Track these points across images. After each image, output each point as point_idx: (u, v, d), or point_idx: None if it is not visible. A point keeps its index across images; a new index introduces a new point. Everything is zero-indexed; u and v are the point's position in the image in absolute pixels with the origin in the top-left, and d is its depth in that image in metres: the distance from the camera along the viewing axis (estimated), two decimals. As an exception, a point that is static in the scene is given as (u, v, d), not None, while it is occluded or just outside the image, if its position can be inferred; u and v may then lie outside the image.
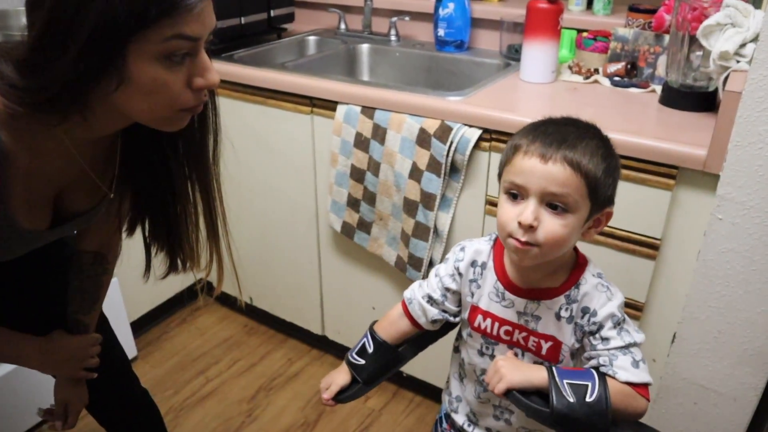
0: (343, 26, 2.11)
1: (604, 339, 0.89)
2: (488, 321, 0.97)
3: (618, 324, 0.89)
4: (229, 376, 1.97)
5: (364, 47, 2.01)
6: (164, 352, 2.06)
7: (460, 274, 0.99)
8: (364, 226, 1.62)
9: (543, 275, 0.92)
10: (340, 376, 1.08)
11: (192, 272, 1.00)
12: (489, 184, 1.40)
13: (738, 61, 1.18)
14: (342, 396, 1.07)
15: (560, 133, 0.83)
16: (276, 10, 1.99)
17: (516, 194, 0.85)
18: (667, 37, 1.46)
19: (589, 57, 1.62)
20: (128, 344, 1.96)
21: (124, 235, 1.01)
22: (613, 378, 0.87)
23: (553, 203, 0.82)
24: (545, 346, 0.94)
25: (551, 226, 0.82)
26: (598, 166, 0.82)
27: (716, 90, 1.30)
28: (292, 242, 1.88)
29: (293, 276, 1.94)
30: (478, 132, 1.35)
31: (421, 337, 1.09)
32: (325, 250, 1.81)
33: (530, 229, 0.82)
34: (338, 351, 2.01)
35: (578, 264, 0.93)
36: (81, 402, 1.17)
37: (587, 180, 0.81)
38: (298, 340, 2.11)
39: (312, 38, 2.11)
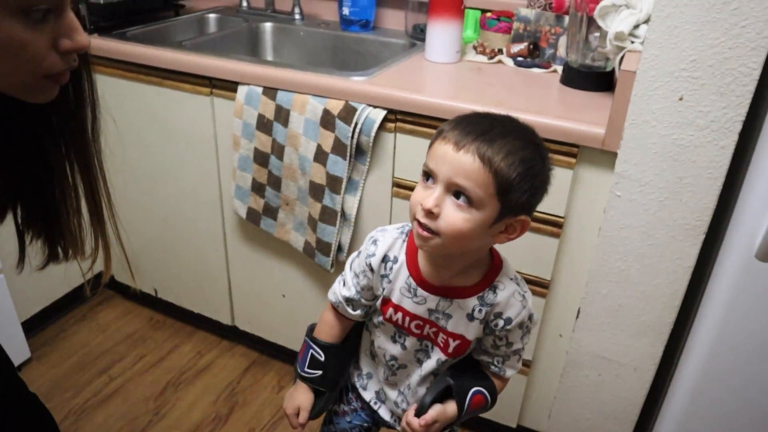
0: (245, 4, 2.02)
1: (509, 342, 0.95)
2: (399, 314, 0.96)
3: (525, 328, 0.95)
4: (134, 373, 1.87)
5: (267, 26, 1.94)
6: (62, 351, 1.94)
7: (372, 270, 0.97)
8: (270, 211, 1.57)
9: (455, 272, 0.91)
10: (304, 397, 1.07)
11: (76, 260, 0.92)
12: (395, 166, 1.38)
13: (633, 42, 1.21)
14: (313, 413, 1.08)
15: (484, 126, 0.80)
16: (172, -15, 1.88)
17: (430, 177, 0.82)
18: (567, 18, 1.48)
19: (493, 37, 1.62)
20: (20, 346, 1.82)
21: None
22: (502, 376, 1.00)
23: (457, 193, 0.79)
24: (453, 344, 0.95)
25: (452, 216, 0.79)
26: (513, 167, 0.78)
27: (613, 70, 1.33)
28: (197, 230, 1.80)
29: (199, 265, 1.86)
30: (383, 113, 1.32)
31: (359, 324, 1.09)
32: (231, 238, 1.75)
33: (431, 214, 0.80)
34: (249, 341, 1.95)
35: (493, 265, 0.93)
36: None
37: (497, 178, 0.77)
38: (207, 331, 2.04)
39: (212, 16, 2.01)
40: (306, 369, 1.05)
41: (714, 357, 1.10)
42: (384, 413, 1.10)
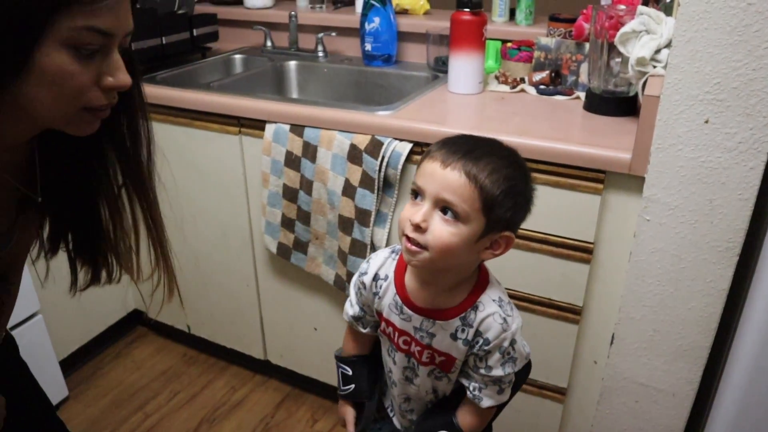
0: (269, 44, 2.08)
1: (488, 367, 0.93)
2: (390, 329, 1.00)
3: (506, 354, 0.93)
4: (169, 409, 1.89)
5: (292, 64, 1.99)
6: (98, 389, 1.96)
7: (365, 287, 1.01)
8: (300, 246, 1.59)
9: (441, 291, 0.93)
10: (344, 410, 1.11)
11: (134, 283, 0.96)
12: (423, 197, 1.39)
13: (654, 66, 1.21)
14: (360, 425, 1.11)
15: (470, 146, 0.85)
16: (199, 29, 1.94)
17: (418, 195, 0.86)
18: (587, 45, 1.50)
19: (514, 67, 1.64)
20: (58, 385, 1.85)
21: (45, 255, 0.95)
22: (477, 404, 0.96)
23: (445, 208, 0.83)
24: (438, 359, 0.97)
25: (439, 231, 0.83)
26: (497, 184, 0.82)
27: (636, 95, 1.34)
28: (228, 266, 1.82)
29: (231, 301, 1.88)
30: (409, 145, 1.34)
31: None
32: (262, 273, 1.77)
33: (419, 229, 0.83)
34: (282, 375, 1.96)
35: (478, 284, 0.94)
36: None
37: (482, 194, 0.81)
38: (240, 366, 2.05)
39: (238, 57, 2.07)
40: (341, 387, 1.10)
41: (754, 380, 1.08)
42: (396, 421, 1.13)
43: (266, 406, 1.89)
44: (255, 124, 1.55)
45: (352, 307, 1.06)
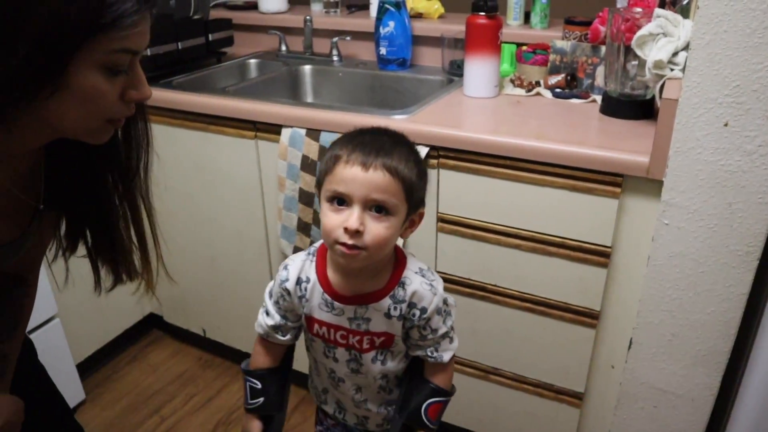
0: (284, 48, 2.09)
1: (434, 329, 0.99)
2: (324, 329, 1.01)
3: (443, 312, 0.99)
4: (185, 413, 1.90)
5: (307, 68, 2.00)
6: (115, 392, 1.98)
7: (289, 294, 1.02)
8: (316, 249, 1.59)
9: (366, 278, 0.96)
10: (254, 425, 1.10)
11: (136, 282, 0.99)
12: (440, 202, 1.39)
13: (672, 69, 1.21)
14: None
15: (376, 142, 0.89)
16: (214, 34, 1.95)
17: (341, 200, 0.88)
18: (603, 48, 1.49)
19: (530, 70, 1.64)
20: (75, 388, 1.87)
21: (63, 253, 0.97)
22: (441, 362, 1.03)
23: (376, 207, 0.87)
24: (378, 340, 1.00)
25: (376, 229, 0.87)
26: (412, 171, 0.89)
27: (653, 98, 1.33)
28: (243, 270, 1.83)
29: (246, 305, 1.89)
30: (425, 150, 1.34)
31: (292, 346, 1.13)
32: (278, 277, 1.77)
33: (356, 233, 0.86)
34: (296, 379, 1.95)
35: (398, 263, 0.98)
36: None
37: (404, 184, 0.88)
38: (255, 369, 2.05)
39: (253, 61, 2.08)
40: (249, 402, 1.09)
41: (776, 386, 1.07)
42: (350, 418, 1.14)
43: None
44: (271, 129, 1.55)
45: (270, 317, 1.05)
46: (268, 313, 1.06)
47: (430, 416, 1.05)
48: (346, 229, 0.86)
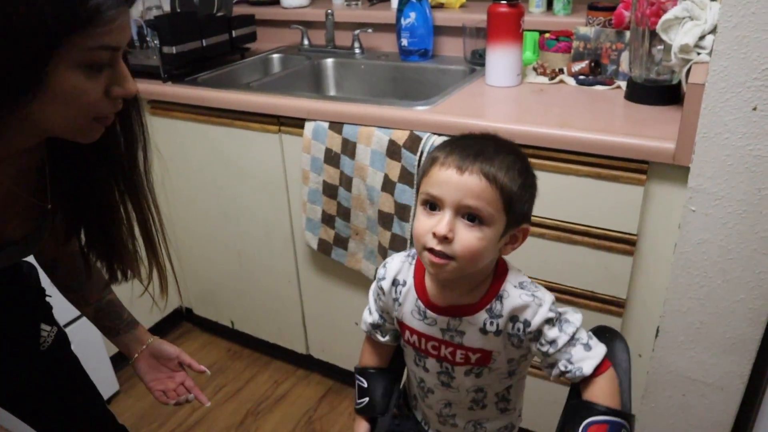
0: (306, 42, 2.10)
1: (551, 342, 0.88)
2: (415, 337, 0.96)
3: (556, 321, 0.89)
4: (215, 403, 1.93)
5: (329, 62, 2.00)
6: (147, 384, 2.02)
7: (384, 293, 0.99)
8: (341, 241, 1.60)
9: (463, 291, 0.90)
10: (360, 425, 1.08)
11: (138, 281, 0.98)
12: (463, 192, 1.39)
13: (699, 53, 1.19)
14: None
15: (478, 146, 0.83)
16: (237, 30, 1.97)
17: (434, 205, 0.83)
18: (627, 34, 1.47)
19: (552, 57, 1.62)
20: (109, 379, 1.91)
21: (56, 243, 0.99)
22: (583, 374, 0.88)
23: (469, 215, 0.81)
24: (473, 357, 0.93)
25: (467, 238, 0.81)
26: (514, 181, 0.81)
27: (680, 83, 1.31)
28: (270, 263, 1.85)
29: (273, 297, 1.91)
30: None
31: (398, 351, 1.10)
32: (303, 269, 1.79)
33: (445, 240, 0.80)
34: (324, 369, 1.98)
35: (497, 275, 0.91)
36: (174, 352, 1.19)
37: (503, 193, 0.80)
38: (283, 361, 2.08)
39: (276, 56, 2.10)
40: (357, 401, 1.08)
41: (808, 374, 1.05)
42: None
43: (309, 400, 1.92)
44: (294, 123, 1.57)
45: (371, 315, 1.04)
46: (370, 311, 1.05)
47: None
48: (434, 234, 0.81)
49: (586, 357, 0.88)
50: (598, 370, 0.88)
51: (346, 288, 1.73)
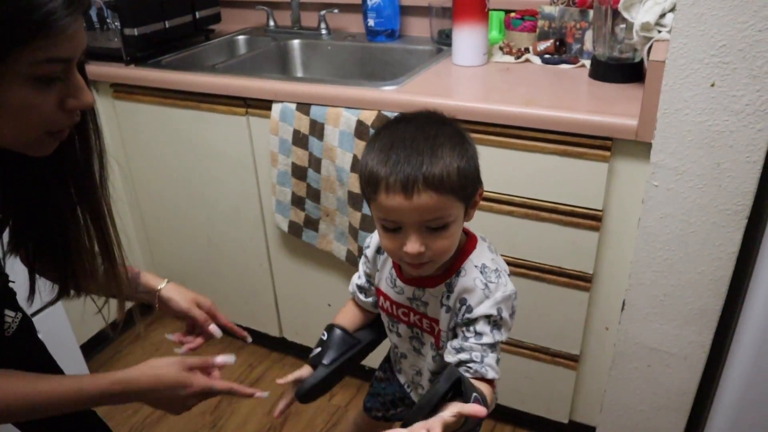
0: (272, 23, 2.08)
1: (478, 333, 0.90)
2: (388, 303, 1.02)
3: (493, 323, 0.90)
4: (188, 388, 1.93)
5: (295, 43, 1.98)
6: (119, 371, 2.00)
7: (368, 260, 1.05)
8: (311, 223, 1.60)
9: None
10: (303, 369, 1.07)
11: (90, 298, 0.94)
12: (431, 171, 1.40)
13: (659, 32, 1.21)
14: (304, 385, 1.04)
15: (413, 151, 0.79)
16: (201, 11, 1.93)
17: (395, 227, 0.83)
18: (591, 12, 1.48)
19: (518, 37, 1.63)
20: (80, 368, 1.89)
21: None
22: (483, 378, 0.89)
23: (431, 227, 0.82)
24: (436, 327, 0.97)
25: (438, 244, 0.83)
26: (458, 171, 0.80)
27: (642, 61, 1.33)
28: (240, 247, 1.84)
29: (245, 281, 1.91)
30: (416, 120, 1.34)
31: (375, 322, 1.13)
32: (275, 252, 1.79)
33: (420, 254, 0.83)
34: (298, 352, 1.99)
35: (463, 250, 0.93)
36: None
37: (454, 191, 0.81)
38: (256, 344, 2.08)
39: (241, 38, 2.07)
40: (313, 351, 1.08)
41: (767, 342, 1.09)
42: (414, 396, 1.15)
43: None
44: (261, 104, 1.55)
45: (359, 278, 1.10)
46: (359, 275, 1.10)
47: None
48: (406, 253, 0.83)
49: (494, 368, 0.90)
50: (491, 383, 0.91)
51: (318, 270, 1.73)
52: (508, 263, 1.44)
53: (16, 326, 1.05)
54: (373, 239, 1.05)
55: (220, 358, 1.03)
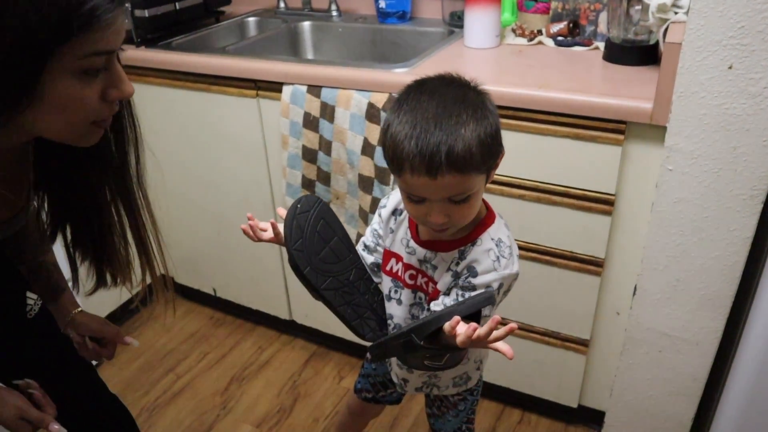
0: (282, 5, 2.06)
1: (471, 288, 0.91)
2: (399, 265, 1.02)
3: (488, 294, 0.89)
4: (199, 370, 1.94)
5: (306, 25, 1.97)
6: (131, 352, 2.02)
7: (382, 220, 1.05)
8: (322, 207, 1.60)
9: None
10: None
11: (124, 287, 0.96)
12: (443, 155, 1.39)
13: (676, 13, 1.19)
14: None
15: (437, 130, 0.79)
16: (211, -8, 1.93)
17: (420, 198, 0.85)
18: (606, -7, 1.46)
19: (531, 19, 1.61)
20: (92, 349, 1.91)
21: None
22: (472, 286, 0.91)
23: (455, 200, 0.84)
24: (435, 290, 0.98)
25: (461, 213, 0.86)
26: (481, 145, 0.80)
27: (657, 43, 1.31)
28: (251, 230, 1.84)
29: (255, 263, 1.91)
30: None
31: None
32: (285, 235, 1.79)
33: (443, 223, 0.86)
34: (308, 335, 2.00)
35: (483, 222, 0.94)
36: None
37: (476, 167, 0.81)
38: (266, 327, 2.09)
39: (252, 19, 2.06)
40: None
41: (779, 327, 1.08)
42: (394, 376, 1.16)
43: (293, 365, 1.94)
44: (272, 87, 1.55)
45: (366, 238, 1.10)
46: (367, 235, 1.10)
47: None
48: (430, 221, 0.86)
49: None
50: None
51: (328, 253, 1.73)
52: (520, 247, 1.43)
53: (38, 308, 1.07)
54: (390, 200, 1.04)
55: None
